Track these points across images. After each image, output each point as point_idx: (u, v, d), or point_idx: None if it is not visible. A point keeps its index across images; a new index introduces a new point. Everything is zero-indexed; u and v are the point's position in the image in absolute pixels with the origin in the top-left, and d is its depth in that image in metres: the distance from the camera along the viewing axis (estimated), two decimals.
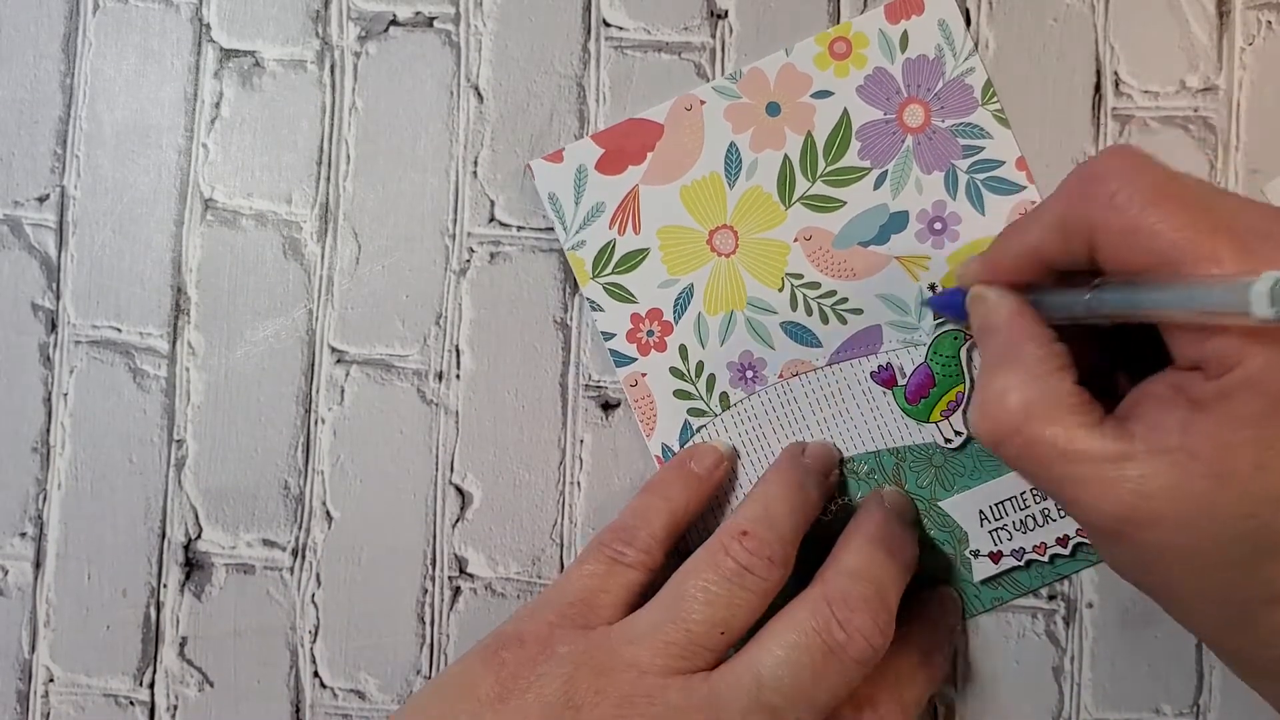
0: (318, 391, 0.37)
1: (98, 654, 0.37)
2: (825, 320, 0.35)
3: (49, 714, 0.37)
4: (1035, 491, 0.35)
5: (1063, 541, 0.34)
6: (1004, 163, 0.35)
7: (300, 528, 0.36)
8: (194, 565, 0.37)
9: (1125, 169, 0.26)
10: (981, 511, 0.35)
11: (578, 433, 0.36)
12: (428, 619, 0.36)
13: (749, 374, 0.35)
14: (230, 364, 0.37)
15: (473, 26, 0.37)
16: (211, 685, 0.36)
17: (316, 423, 0.37)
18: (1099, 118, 0.35)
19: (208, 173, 0.37)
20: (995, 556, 0.35)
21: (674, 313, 0.36)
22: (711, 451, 0.35)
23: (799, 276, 0.35)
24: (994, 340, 0.29)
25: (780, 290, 0.35)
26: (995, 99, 0.35)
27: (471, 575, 0.36)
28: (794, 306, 0.35)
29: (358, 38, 0.37)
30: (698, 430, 0.35)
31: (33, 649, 0.37)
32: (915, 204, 0.35)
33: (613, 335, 0.36)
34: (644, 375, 0.35)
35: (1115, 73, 0.35)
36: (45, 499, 0.37)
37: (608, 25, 0.36)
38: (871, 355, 0.35)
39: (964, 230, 0.35)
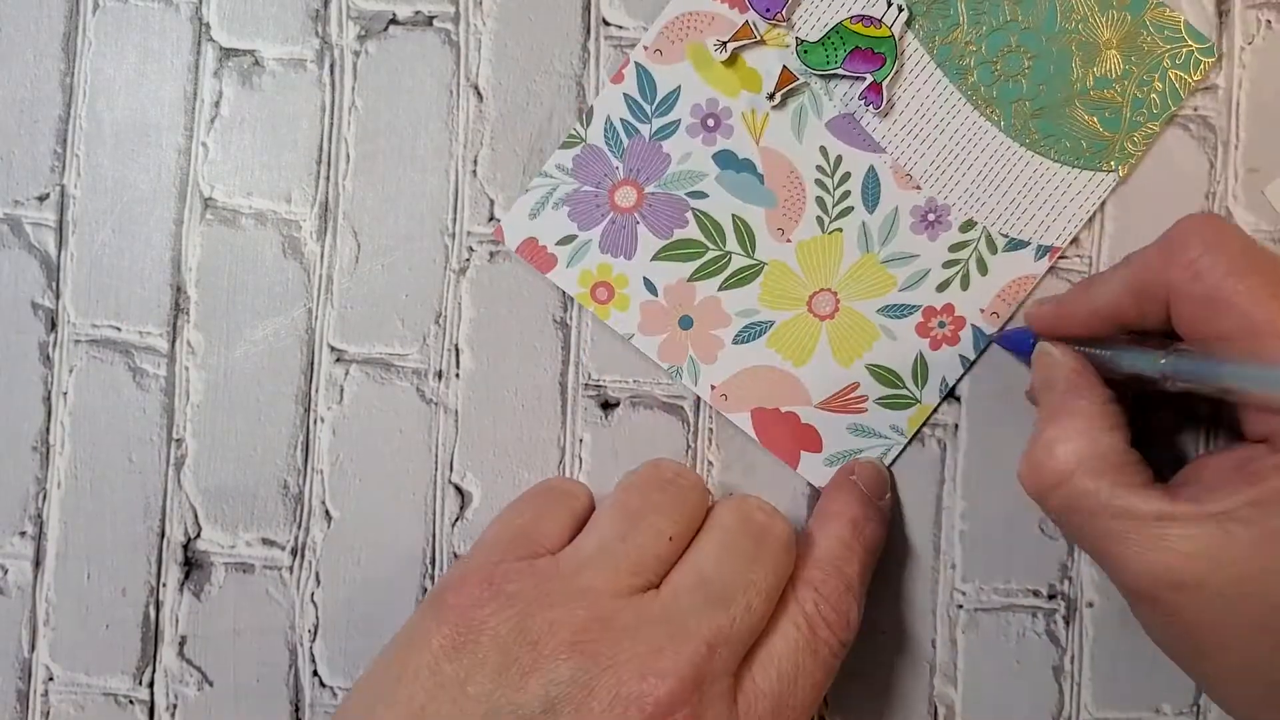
0: (317, 391, 0.37)
1: (97, 653, 0.37)
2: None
3: (49, 713, 0.37)
4: None
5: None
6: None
7: (299, 527, 0.37)
8: (193, 564, 0.37)
9: (1208, 236, 0.27)
10: None
11: (577, 432, 0.36)
12: None
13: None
14: (230, 363, 0.37)
15: (472, 26, 0.37)
16: (211, 684, 0.36)
17: (316, 422, 0.37)
18: None
19: (207, 172, 0.37)
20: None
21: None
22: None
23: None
24: (1051, 395, 0.30)
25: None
26: None
27: None
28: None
29: (357, 37, 0.37)
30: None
31: (32, 648, 0.37)
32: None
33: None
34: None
35: None
36: (45, 498, 0.37)
37: (607, 24, 0.36)
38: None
39: None
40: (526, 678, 0.28)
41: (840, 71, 0.35)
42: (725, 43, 0.35)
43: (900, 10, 0.34)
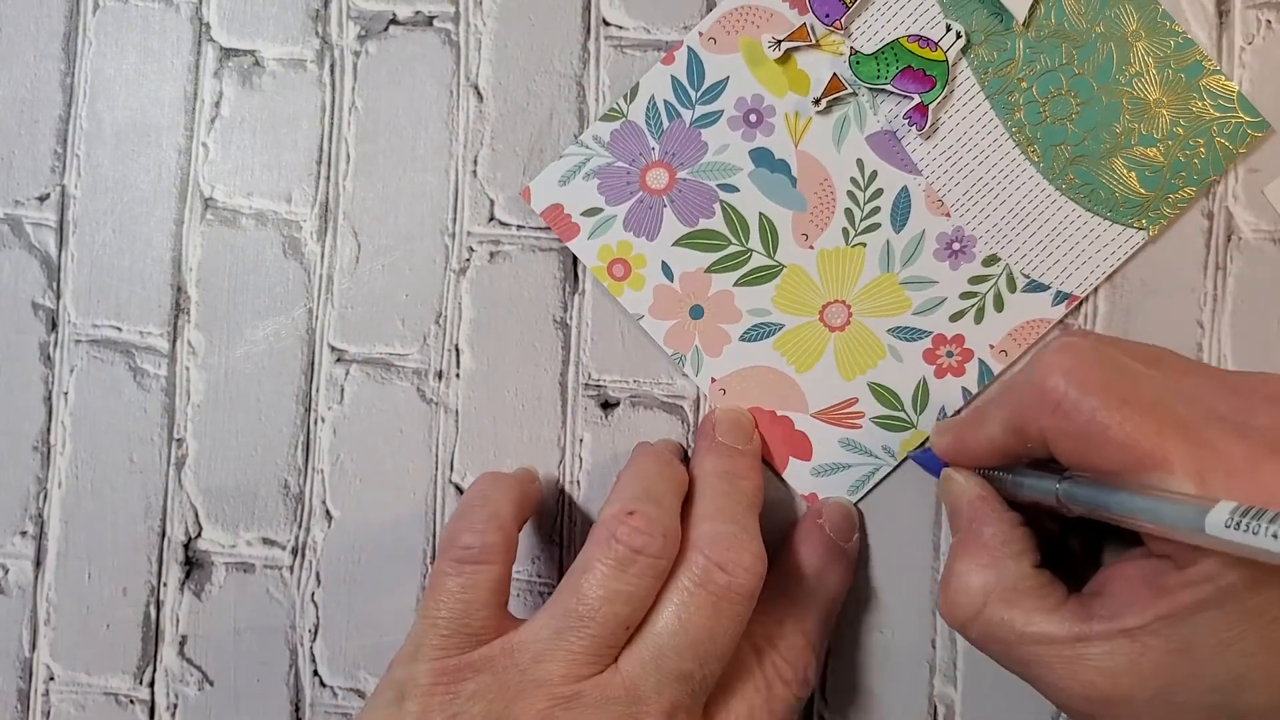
0: (317, 390, 0.37)
1: (98, 652, 0.37)
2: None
3: (49, 712, 0.37)
4: None
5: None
6: None
7: (300, 527, 0.37)
8: (194, 564, 0.37)
9: (1069, 371, 0.27)
10: None
11: (577, 432, 0.36)
12: None
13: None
14: (230, 363, 0.37)
15: (472, 26, 0.37)
16: (211, 684, 0.36)
17: (316, 422, 0.37)
18: None
19: (208, 172, 0.37)
20: None
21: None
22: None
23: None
24: (958, 522, 0.31)
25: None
26: None
27: None
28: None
29: (357, 37, 0.37)
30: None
31: (33, 647, 0.37)
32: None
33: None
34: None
35: None
36: (46, 498, 0.37)
37: (607, 24, 0.36)
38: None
39: None
40: None
41: (889, 88, 0.35)
42: (780, 41, 0.35)
43: (958, 36, 0.34)
